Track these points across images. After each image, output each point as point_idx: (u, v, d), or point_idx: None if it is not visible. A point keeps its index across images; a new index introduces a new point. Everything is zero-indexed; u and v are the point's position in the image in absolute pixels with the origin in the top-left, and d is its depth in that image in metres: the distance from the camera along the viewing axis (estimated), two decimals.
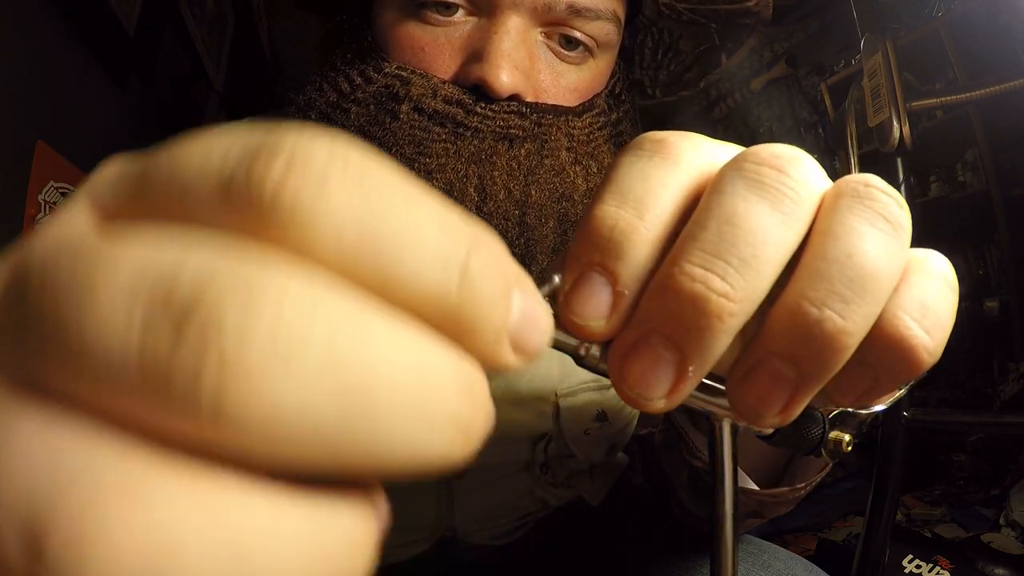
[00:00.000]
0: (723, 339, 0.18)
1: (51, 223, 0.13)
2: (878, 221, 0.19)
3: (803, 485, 0.42)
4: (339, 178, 0.12)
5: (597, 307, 0.19)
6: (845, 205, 0.19)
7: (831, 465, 0.41)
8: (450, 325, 0.13)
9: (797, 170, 0.19)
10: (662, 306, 0.18)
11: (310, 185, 0.12)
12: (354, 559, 0.13)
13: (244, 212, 0.12)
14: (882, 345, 0.19)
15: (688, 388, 0.19)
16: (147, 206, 0.13)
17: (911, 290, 0.19)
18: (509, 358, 0.14)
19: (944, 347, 0.20)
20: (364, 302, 0.12)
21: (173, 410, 0.10)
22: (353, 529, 0.13)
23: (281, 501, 0.12)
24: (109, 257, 0.11)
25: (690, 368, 0.18)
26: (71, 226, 0.13)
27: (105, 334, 0.10)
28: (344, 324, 0.11)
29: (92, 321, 0.10)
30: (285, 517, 0.11)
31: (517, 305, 0.14)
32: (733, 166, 0.19)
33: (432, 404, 0.12)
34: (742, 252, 0.18)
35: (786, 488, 0.41)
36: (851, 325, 0.18)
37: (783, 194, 0.18)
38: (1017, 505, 1.07)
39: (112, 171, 0.13)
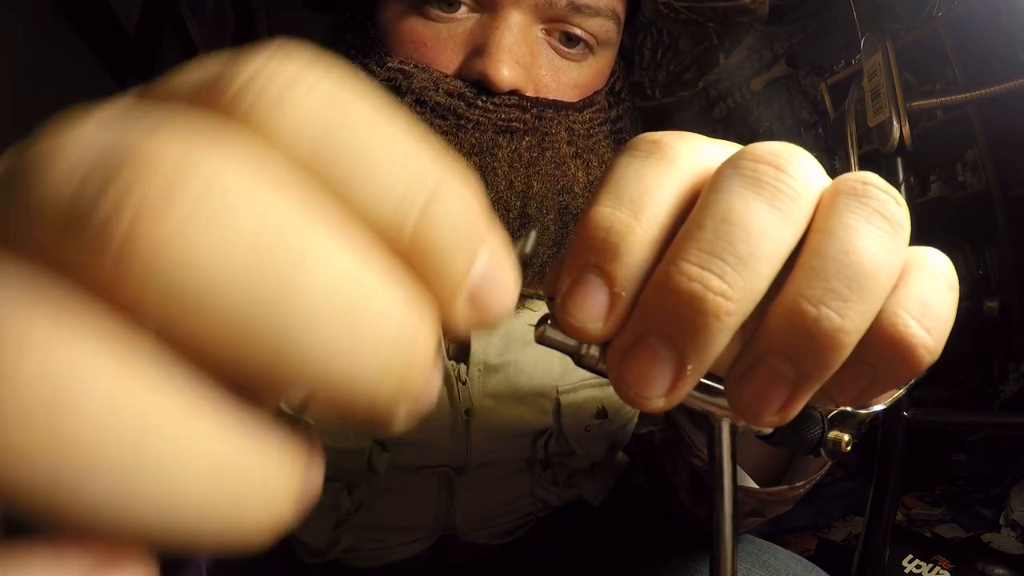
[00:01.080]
0: (721, 338, 0.18)
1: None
2: (876, 219, 0.19)
3: (802, 483, 0.42)
4: (311, 83, 0.12)
5: (594, 309, 0.19)
6: (843, 203, 0.19)
7: (830, 463, 0.41)
8: (404, 257, 0.12)
9: (795, 167, 0.19)
10: (660, 306, 0.18)
11: (277, 84, 0.11)
12: (258, 507, 0.11)
13: (215, 103, 0.11)
14: (881, 344, 0.19)
15: (687, 387, 0.19)
16: (139, 97, 0.13)
17: (910, 288, 0.19)
18: (464, 315, 0.13)
19: (943, 346, 0.20)
20: (315, 197, 0.11)
21: (88, 249, 0.10)
22: (272, 474, 0.12)
23: (199, 406, 0.11)
24: (69, 132, 0.11)
25: (688, 367, 0.18)
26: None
27: (52, 185, 0.10)
28: (279, 210, 0.11)
29: (47, 174, 0.10)
30: (197, 425, 0.11)
31: (482, 262, 0.13)
32: (730, 164, 0.19)
33: (363, 327, 0.11)
34: (739, 250, 0.18)
35: (785, 486, 0.42)
36: (849, 323, 0.18)
37: (781, 191, 0.18)
38: (1017, 505, 1.07)
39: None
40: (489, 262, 0.13)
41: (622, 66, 0.56)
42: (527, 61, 0.46)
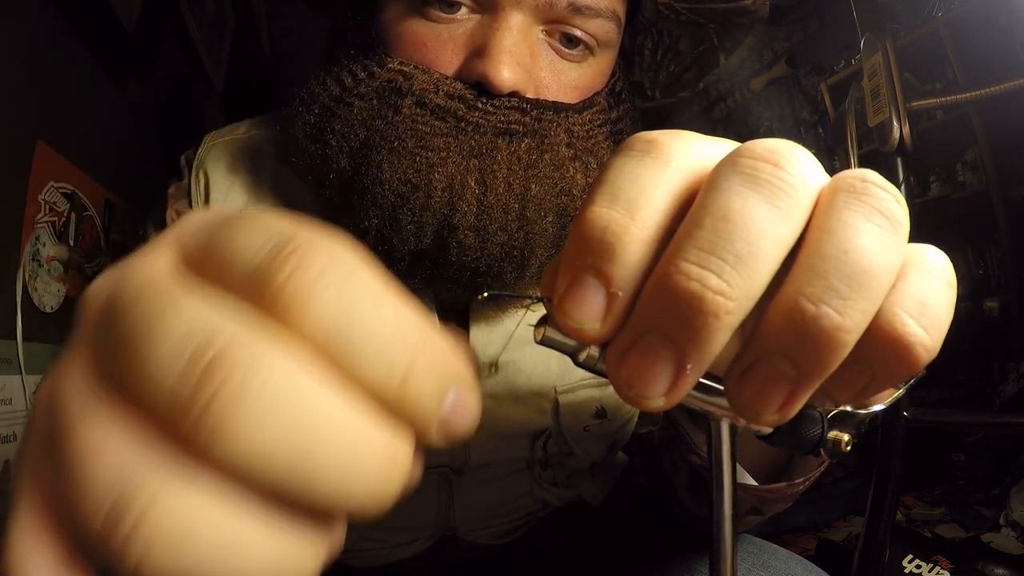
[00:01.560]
0: (721, 336, 0.18)
1: (145, 254, 0.18)
2: (875, 217, 0.19)
3: (801, 480, 0.42)
4: (328, 282, 0.16)
5: (591, 310, 0.19)
6: (841, 201, 0.19)
7: (826, 463, 0.41)
8: (390, 411, 0.17)
9: (793, 164, 0.19)
10: (659, 305, 0.18)
11: (304, 286, 0.16)
12: (302, 569, 0.17)
13: (263, 294, 0.16)
14: (879, 342, 0.19)
15: (687, 386, 0.19)
16: (209, 263, 0.17)
17: (908, 287, 0.19)
18: (436, 438, 0.18)
19: (941, 344, 0.20)
20: (327, 379, 0.16)
21: (186, 435, 0.15)
22: (307, 549, 0.17)
23: (260, 518, 0.16)
24: (173, 311, 0.16)
25: (688, 366, 0.18)
26: (159, 262, 0.18)
27: (158, 367, 0.15)
28: (304, 401, 0.15)
29: (153, 355, 0.15)
30: (261, 530, 0.16)
31: (450, 400, 0.17)
32: (728, 162, 0.19)
33: (358, 469, 0.16)
34: (738, 249, 0.18)
35: (784, 484, 0.42)
36: (848, 321, 0.18)
37: (779, 189, 0.18)
38: (1017, 505, 1.07)
39: (195, 223, 0.19)
40: (456, 398, 0.17)
41: (622, 67, 0.56)
42: (528, 62, 0.46)
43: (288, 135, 0.51)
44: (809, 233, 0.19)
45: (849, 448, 0.23)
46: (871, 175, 0.20)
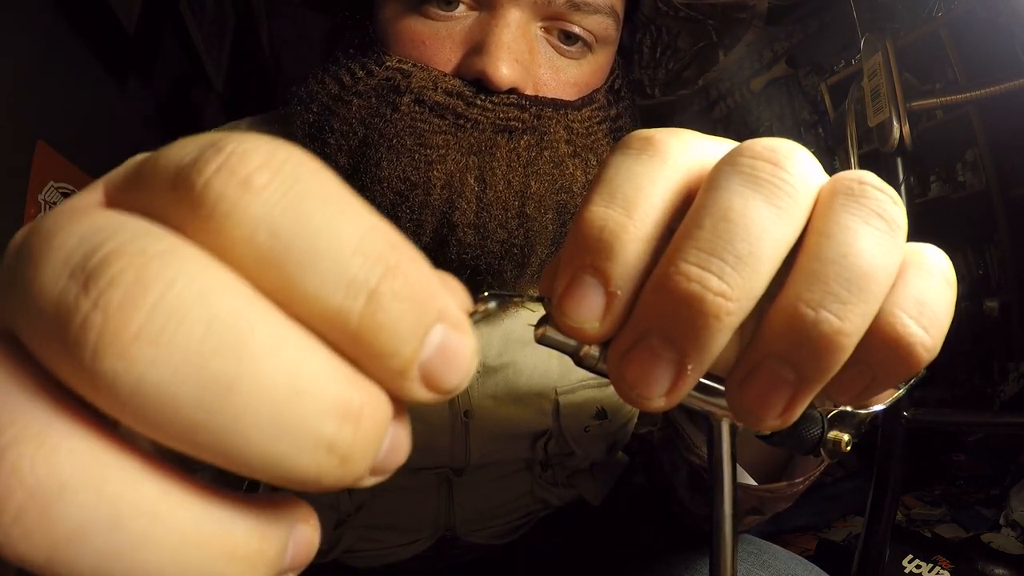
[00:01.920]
0: (721, 337, 0.18)
1: (70, 198, 0.15)
2: (872, 219, 0.19)
3: (801, 480, 0.42)
4: (264, 183, 0.13)
5: (590, 309, 0.19)
6: (839, 203, 0.19)
7: (826, 462, 0.41)
8: (350, 348, 0.13)
9: (792, 163, 0.19)
10: (659, 306, 0.18)
11: (232, 187, 0.13)
12: (248, 560, 0.13)
13: (182, 203, 0.13)
14: (879, 343, 0.19)
15: (687, 387, 0.19)
16: (132, 190, 0.14)
17: (908, 287, 0.19)
18: (417, 393, 0.14)
19: (942, 344, 0.20)
20: (256, 303, 0.13)
21: (68, 358, 0.12)
22: (242, 545, 0.13)
23: (166, 486, 0.13)
24: (69, 225, 0.13)
25: (689, 367, 0.18)
26: (79, 198, 0.15)
27: (43, 282, 0.12)
28: (223, 317, 0.12)
29: (40, 271, 0.12)
30: (169, 504, 0.13)
31: (435, 339, 0.14)
32: (728, 161, 0.19)
33: (300, 420, 0.12)
34: (738, 249, 0.17)
35: (784, 483, 0.42)
36: (848, 325, 0.18)
37: (779, 188, 0.18)
38: (1017, 505, 1.07)
39: (128, 162, 0.15)
40: (442, 337, 0.14)
41: (621, 64, 0.56)
42: (526, 59, 0.46)
43: (287, 134, 0.51)
44: (808, 236, 0.19)
45: (849, 448, 0.23)
46: (868, 177, 0.19)
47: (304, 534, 0.15)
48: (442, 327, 0.14)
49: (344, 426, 0.13)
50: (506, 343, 0.52)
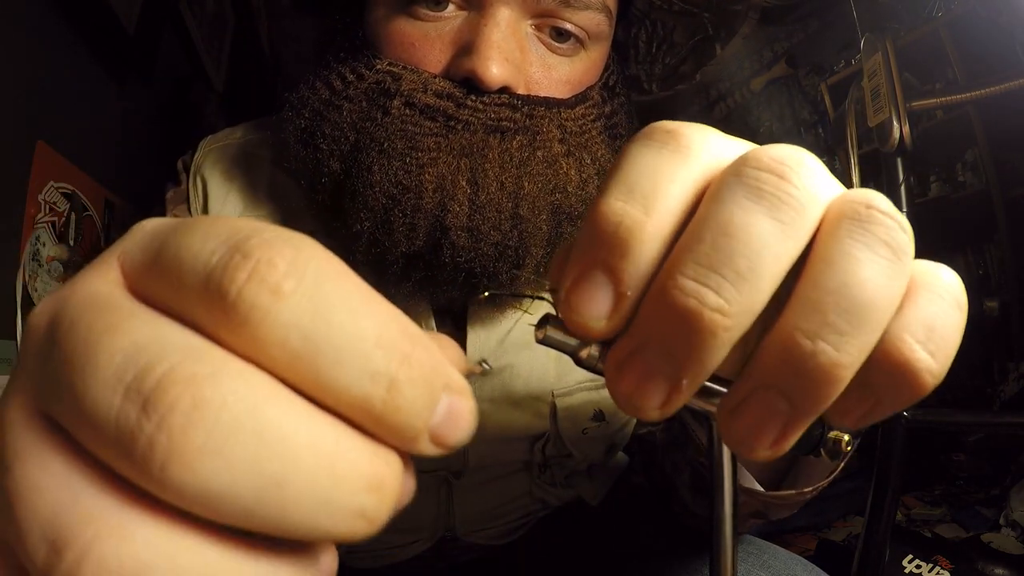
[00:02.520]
0: (718, 353, 0.17)
1: (86, 274, 0.16)
2: (878, 247, 0.18)
3: (810, 489, 0.41)
4: (292, 289, 0.14)
5: (598, 307, 0.18)
6: (845, 228, 0.18)
7: (838, 470, 0.40)
8: (372, 427, 0.15)
9: (799, 176, 0.18)
10: (657, 318, 0.18)
11: (263, 297, 0.14)
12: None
13: (215, 309, 0.14)
14: (884, 367, 0.18)
15: (683, 400, 0.18)
16: (157, 276, 0.16)
17: (917, 310, 0.19)
18: (427, 450, 0.16)
19: (948, 368, 0.19)
20: (294, 405, 0.14)
21: (136, 469, 0.13)
22: None
23: (226, 550, 0.14)
24: (114, 332, 0.14)
25: (684, 381, 0.18)
26: (103, 279, 0.16)
27: (96, 398, 0.14)
28: (272, 426, 0.14)
29: (92, 383, 0.14)
30: (227, 563, 0.14)
31: (443, 407, 0.16)
32: (733, 171, 0.19)
33: (339, 499, 0.14)
34: (738, 265, 0.17)
35: (792, 491, 0.41)
36: (846, 357, 0.17)
37: (783, 203, 0.18)
38: (1017, 505, 1.07)
39: (140, 235, 0.17)
40: (448, 406, 0.16)
41: (616, 60, 0.55)
42: (517, 58, 0.46)
43: (281, 140, 0.51)
44: (810, 260, 0.18)
45: (850, 448, 0.23)
46: (877, 201, 0.19)
47: (326, 564, 0.17)
48: (447, 396, 0.16)
49: (372, 495, 0.15)
50: (503, 347, 0.52)
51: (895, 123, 0.84)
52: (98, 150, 0.92)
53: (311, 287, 0.15)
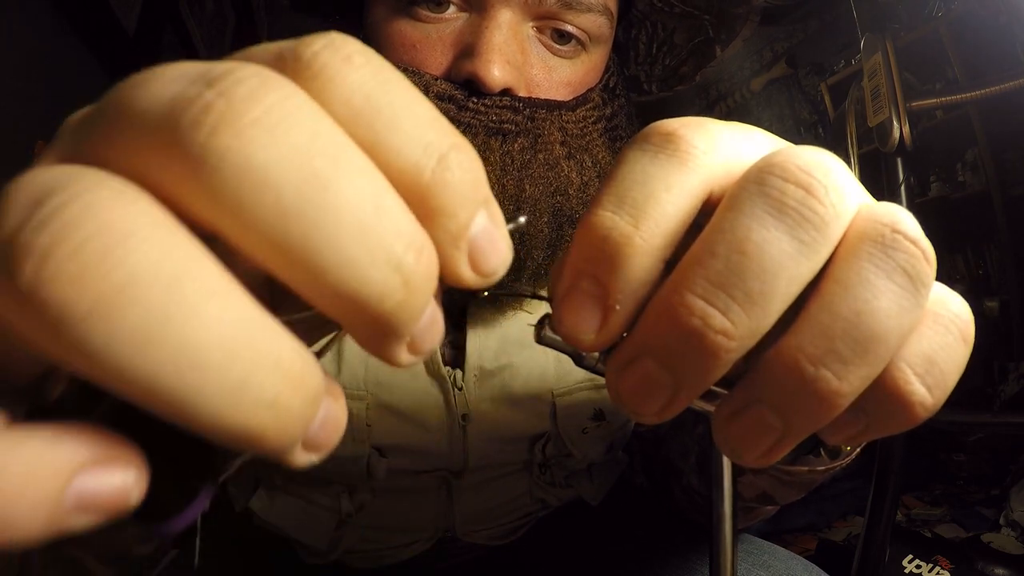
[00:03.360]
0: (719, 371, 0.17)
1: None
2: (897, 275, 0.17)
3: (822, 469, 0.41)
4: (361, 63, 0.15)
5: (587, 320, 0.18)
6: (866, 251, 0.17)
7: (852, 457, 0.40)
8: (418, 204, 0.15)
9: (827, 190, 0.17)
10: (659, 332, 0.17)
11: (337, 60, 0.15)
12: (268, 400, 0.13)
13: (295, 72, 0.14)
14: (879, 395, 0.18)
15: (680, 408, 0.18)
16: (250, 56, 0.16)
17: (920, 342, 0.18)
18: (463, 266, 0.16)
19: (944, 402, 0.18)
20: (352, 147, 0.14)
21: (178, 148, 0.13)
22: (287, 360, 0.14)
23: (234, 283, 0.13)
24: (176, 68, 0.14)
25: (683, 393, 0.18)
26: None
27: (155, 94, 0.13)
28: (326, 132, 0.14)
29: (149, 89, 0.14)
30: (229, 290, 0.13)
31: (481, 221, 0.16)
32: (755, 179, 0.17)
33: (378, 231, 0.14)
34: (750, 287, 0.16)
35: (804, 468, 0.40)
36: (846, 387, 0.17)
37: (807, 220, 0.17)
38: (1017, 505, 1.07)
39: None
40: (487, 222, 0.16)
41: (616, 62, 0.55)
42: (518, 60, 0.45)
43: None
44: (825, 280, 0.17)
45: (849, 448, 0.23)
46: (904, 224, 0.18)
47: (333, 411, 0.15)
48: (486, 213, 0.16)
49: (410, 252, 0.14)
50: (503, 346, 0.52)
51: (895, 123, 0.84)
52: None
53: (377, 66, 0.15)
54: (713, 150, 0.18)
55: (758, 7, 0.59)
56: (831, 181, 0.17)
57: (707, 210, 0.18)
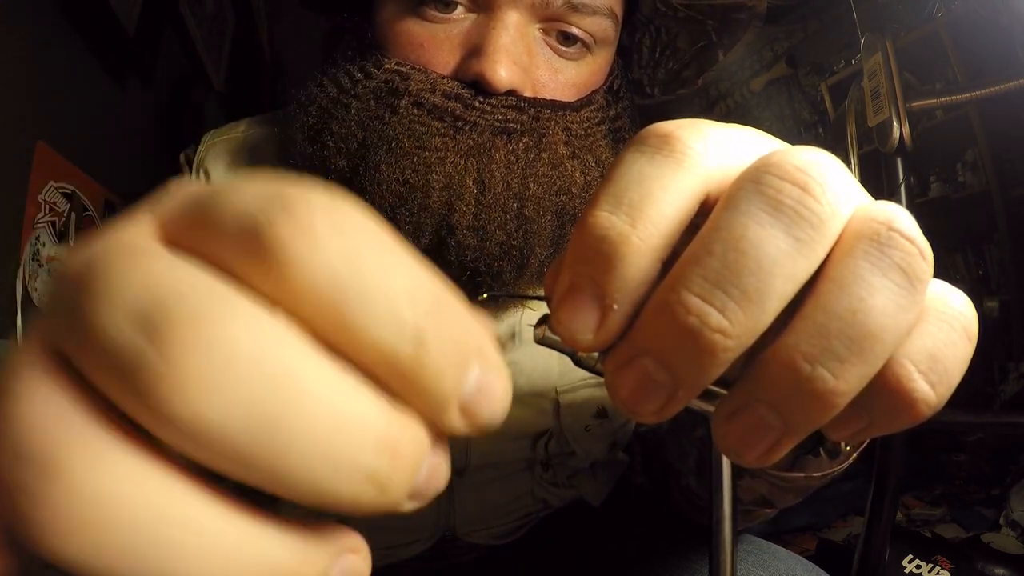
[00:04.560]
0: (716, 370, 0.17)
1: (119, 225, 0.15)
2: (894, 273, 0.17)
3: (819, 474, 0.41)
4: (327, 236, 0.14)
5: (584, 321, 0.18)
6: (862, 249, 0.17)
7: (850, 460, 0.40)
8: (399, 385, 0.14)
9: (824, 190, 0.17)
10: (656, 330, 0.17)
11: (299, 238, 0.14)
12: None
13: (250, 253, 0.14)
14: (881, 392, 0.18)
15: (678, 407, 0.18)
16: (193, 230, 0.15)
17: (922, 338, 0.18)
18: (456, 424, 0.15)
19: (947, 399, 0.18)
20: (305, 351, 0.14)
21: (131, 395, 0.13)
22: (283, 565, 0.14)
23: (215, 506, 0.14)
24: (132, 268, 0.14)
25: (680, 392, 0.18)
26: (133, 229, 0.15)
27: (107, 323, 0.13)
28: (276, 361, 0.13)
29: (104, 310, 0.13)
30: (214, 519, 0.14)
31: (473, 377, 0.15)
32: (752, 178, 0.18)
33: (343, 453, 0.14)
34: (746, 285, 0.16)
35: (800, 474, 0.41)
36: (844, 385, 0.17)
37: (804, 219, 0.17)
38: (1017, 505, 1.07)
39: (179, 193, 0.16)
40: (480, 376, 0.15)
41: (620, 64, 0.56)
42: (524, 61, 0.46)
43: (286, 136, 0.51)
44: (821, 278, 0.18)
45: (848, 448, 0.23)
46: (900, 223, 0.18)
47: (352, 564, 0.16)
48: (479, 365, 0.15)
49: (381, 458, 0.14)
50: (507, 342, 0.52)
51: (895, 123, 0.84)
52: (98, 150, 0.92)
53: (346, 237, 0.14)
54: (710, 151, 0.19)
55: (760, 13, 0.59)
56: (828, 180, 0.17)
57: (704, 211, 0.18)
